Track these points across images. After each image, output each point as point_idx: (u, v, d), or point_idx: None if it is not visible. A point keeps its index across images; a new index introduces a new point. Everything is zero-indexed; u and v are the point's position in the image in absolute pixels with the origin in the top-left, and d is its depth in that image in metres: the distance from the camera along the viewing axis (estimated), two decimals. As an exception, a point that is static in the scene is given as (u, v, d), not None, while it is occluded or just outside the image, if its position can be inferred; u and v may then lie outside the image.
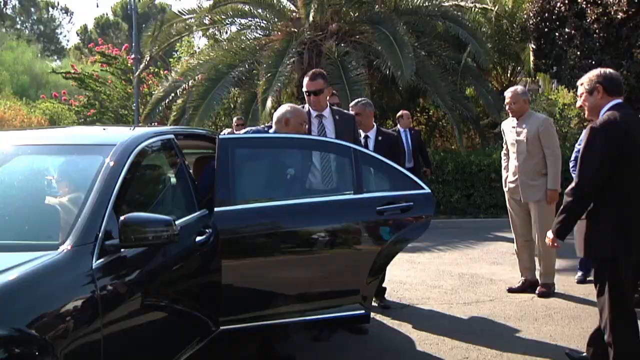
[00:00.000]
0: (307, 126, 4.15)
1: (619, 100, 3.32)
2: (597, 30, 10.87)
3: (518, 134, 5.31)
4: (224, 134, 4.80)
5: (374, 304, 4.77)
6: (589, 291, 5.39)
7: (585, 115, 3.52)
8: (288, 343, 4.14)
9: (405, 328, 4.61)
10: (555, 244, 3.37)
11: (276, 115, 4.04)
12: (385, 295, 5.23)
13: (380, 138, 5.16)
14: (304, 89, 4.45)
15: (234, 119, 10.10)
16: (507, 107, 5.45)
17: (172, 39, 13.86)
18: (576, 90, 3.73)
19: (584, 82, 3.42)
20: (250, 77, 12.58)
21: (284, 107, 4.06)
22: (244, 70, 12.33)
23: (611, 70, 3.43)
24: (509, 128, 5.45)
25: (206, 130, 4.80)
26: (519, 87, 5.56)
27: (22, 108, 21.17)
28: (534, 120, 5.29)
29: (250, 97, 12.32)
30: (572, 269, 6.01)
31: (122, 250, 2.60)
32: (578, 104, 3.52)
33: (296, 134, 3.91)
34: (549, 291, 5.31)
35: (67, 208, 2.80)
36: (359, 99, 5.36)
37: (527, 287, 5.41)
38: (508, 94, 5.38)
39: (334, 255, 3.54)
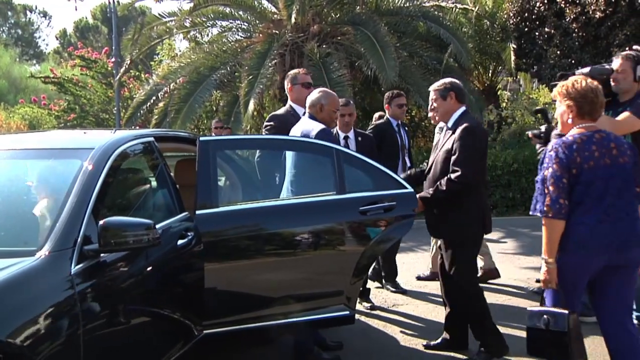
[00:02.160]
0: (339, 114, 4.29)
1: (465, 108, 3.87)
2: (576, 30, 11.00)
3: None
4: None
5: (358, 305, 4.77)
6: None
7: (437, 119, 4.01)
8: (272, 346, 4.12)
9: (391, 329, 4.61)
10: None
11: (310, 99, 4.03)
12: (370, 296, 5.23)
13: (360, 139, 5.19)
14: (305, 81, 4.45)
15: (213, 122, 9.94)
16: None
17: (152, 42, 13.77)
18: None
19: (438, 88, 3.89)
20: (232, 80, 12.54)
21: (319, 92, 4.04)
22: (226, 72, 12.29)
23: (458, 81, 3.98)
24: None
25: (187, 133, 4.77)
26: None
27: (0, 113, 20.90)
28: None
29: (233, 100, 12.27)
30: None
31: (102, 255, 2.57)
32: (431, 106, 3.93)
33: (283, 136, 3.91)
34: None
35: (44, 213, 2.76)
36: (348, 99, 5.37)
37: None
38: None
39: (317, 256, 3.53)
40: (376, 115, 7.88)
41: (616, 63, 3.99)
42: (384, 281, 5.69)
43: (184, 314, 3.19)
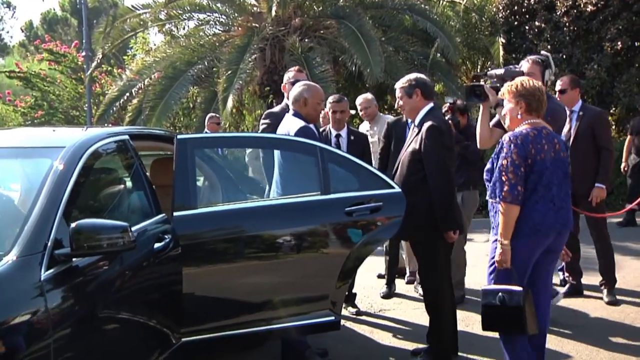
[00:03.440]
0: (330, 109, 4.37)
1: (432, 104, 3.99)
2: (567, 24, 11.11)
3: (372, 136, 5.80)
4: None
5: (343, 310, 4.77)
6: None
7: (405, 116, 4.17)
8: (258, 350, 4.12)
9: (378, 335, 4.62)
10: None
11: (293, 94, 4.06)
12: (356, 301, 5.24)
13: (352, 137, 5.20)
14: (296, 79, 4.50)
15: (209, 116, 9.63)
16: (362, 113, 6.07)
17: (125, 35, 13.67)
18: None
19: (404, 85, 4.00)
20: (210, 75, 12.49)
21: (301, 86, 4.07)
22: (203, 67, 12.24)
23: (425, 76, 4.10)
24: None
25: (163, 130, 4.74)
26: (369, 94, 6.26)
27: (-38, 110, 20.54)
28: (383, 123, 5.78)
29: (211, 96, 12.23)
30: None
31: (74, 259, 2.54)
32: (398, 104, 4.05)
33: (265, 134, 3.90)
34: None
35: (12, 215, 2.72)
36: (341, 96, 5.40)
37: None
38: (359, 99, 6.06)
39: (300, 259, 3.53)
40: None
41: (525, 66, 4.31)
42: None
43: (161, 321, 3.16)
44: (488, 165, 3.38)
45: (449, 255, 4.01)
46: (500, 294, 3.21)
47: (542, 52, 4.56)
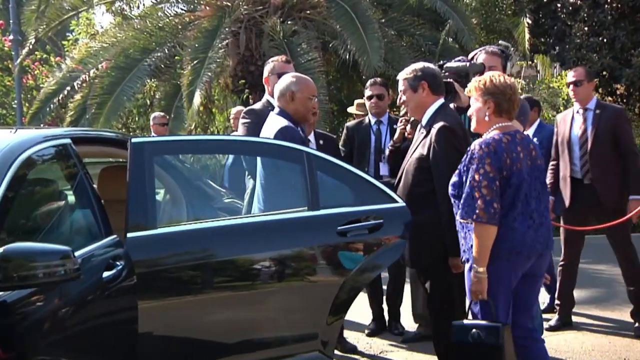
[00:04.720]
0: (316, 101, 4.36)
1: (443, 100, 4.03)
2: (608, 0, 11.21)
3: None
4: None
5: (336, 351, 4.78)
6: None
7: (408, 114, 4.22)
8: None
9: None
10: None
11: (278, 88, 4.11)
12: (352, 340, 5.24)
13: (321, 142, 5.23)
14: (282, 71, 4.54)
15: (154, 115, 9.63)
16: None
17: (65, 15, 13.63)
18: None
19: (408, 76, 4.03)
20: (171, 65, 12.53)
21: (288, 77, 4.14)
22: (163, 56, 12.26)
23: (434, 67, 4.14)
24: None
25: (114, 133, 4.75)
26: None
27: None
28: None
29: (172, 91, 12.27)
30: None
31: (1, 293, 2.54)
32: (400, 99, 4.07)
33: (239, 137, 3.92)
34: None
35: None
36: None
37: None
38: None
39: (283, 289, 3.54)
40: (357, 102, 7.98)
41: (482, 58, 4.44)
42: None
43: (111, 368, 3.16)
44: (454, 178, 3.46)
45: (464, 285, 4.01)
46: (473, 330, 3.29)
47: (501, 41, 4.68)
